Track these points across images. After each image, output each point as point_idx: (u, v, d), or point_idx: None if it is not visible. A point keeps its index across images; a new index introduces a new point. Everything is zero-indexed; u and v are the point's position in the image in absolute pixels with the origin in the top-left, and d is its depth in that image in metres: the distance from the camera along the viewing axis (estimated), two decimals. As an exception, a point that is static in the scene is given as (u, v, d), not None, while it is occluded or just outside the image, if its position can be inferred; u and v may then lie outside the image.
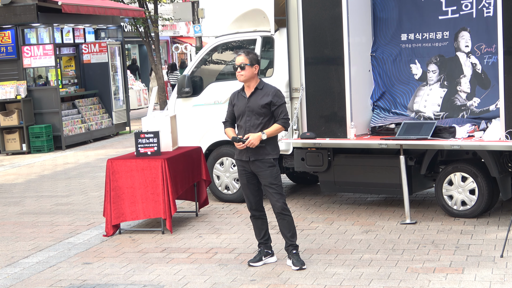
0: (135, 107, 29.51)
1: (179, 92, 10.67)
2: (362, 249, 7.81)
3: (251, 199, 7.37)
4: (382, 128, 9.38)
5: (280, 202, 7.20)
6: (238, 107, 7.30)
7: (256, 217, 7.41)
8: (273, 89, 7.26)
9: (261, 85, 7.28)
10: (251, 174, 7.31)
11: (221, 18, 10.80)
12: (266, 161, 7.20)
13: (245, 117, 7.24)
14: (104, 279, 7.27)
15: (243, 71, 7.21)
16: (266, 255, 7.44)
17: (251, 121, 7.21)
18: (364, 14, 9.58)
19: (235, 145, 7.24)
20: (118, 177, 8.87)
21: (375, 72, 9.72)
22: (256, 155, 7.21)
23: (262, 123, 7.20)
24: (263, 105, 7.18)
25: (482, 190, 8.69)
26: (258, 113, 7.20)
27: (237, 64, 7.25)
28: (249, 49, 7.54)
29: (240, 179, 7.44)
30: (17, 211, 10.93)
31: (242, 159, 7.29)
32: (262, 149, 7.20)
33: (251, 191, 7.36)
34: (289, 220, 7.26)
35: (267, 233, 7.46)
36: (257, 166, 7.21)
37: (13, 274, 7.66)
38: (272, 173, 7.22)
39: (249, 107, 7.22)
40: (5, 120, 17.61)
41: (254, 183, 7.34)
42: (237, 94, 7.39)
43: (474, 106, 9.10)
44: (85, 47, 20.30)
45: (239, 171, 7.39)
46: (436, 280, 6.67)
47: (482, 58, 9.05)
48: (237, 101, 7.34)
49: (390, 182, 9.19)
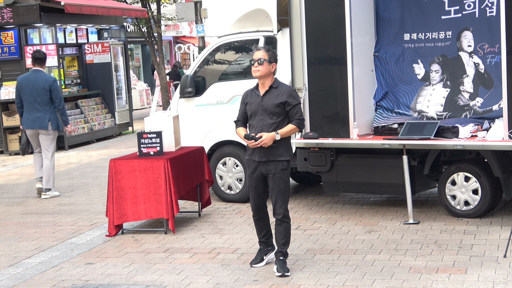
0: (138, 107, 29.52)
1: (182, 92, 10.67)
2: (365, 249, 7.80)
3: (256, 202, 7.20)
4: (385, 128, 9.37)
5: (283, 208, 7.07)
6: (251, 105, 7.11)
7: (259, 218, 7.30)
8: (288, 88, 7.09)
9: (276, 84, 7.10)
10: (261, 177, 7.12)
11: (224, 18, 10.80)
12: (279, 163, 7.04)
13: (258, 116, 7.05)
14: (106, 279, 7.27)
15: (260, 67, 7.00)
16: (266, 253, 7.36)
17: (264, 120, 7.03)
18: (367, 14, 9.57)
19: (247, 143, 7.05)
20: (121, 177, 8.87)
21: (378, 72, 9.72)
22: (268, 156, 7.03)
23: (276, 123, 7.02)
24: (278, 104, 7.00)
25: (485, 190, 8.68)
26: (272, 112, 7.02)
27: (255, 59, 7.03)
28: (269, 47, 7.33)
29: (249, 181, 7.22)
30: (20, 211, 10.93)
31: (255, 159, 7.10)
32: (275, 149, 7.03)
33: (258, 194, 7.17)
34: (287, 227, 7.12)
35: (269, 231, 7.35)
36: (269, 168, 7.04)
37: (16, 274, 7.66)
38: (283, 177, 7.06)
39: (263, 106, 7.03)
40: (8, 120, 17.62)
41: (262, 187, 7.16)
42: (250, 92, 7.20)
43: (477, 106, 9.09)
44: (88, 47, 20.31)
45: (250, 173, 7.18)
46: (439, 280, 6.66)
47: (485, 58, 9.04)
48: (250, 99, 7.14)
49: (393, 182, 9.17)
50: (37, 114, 11.52)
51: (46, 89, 11.51)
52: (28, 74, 11.83)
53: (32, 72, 11.77)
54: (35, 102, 11.52)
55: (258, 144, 6.96)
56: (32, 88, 11.53)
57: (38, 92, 11.51)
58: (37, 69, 11.69)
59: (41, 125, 11.54)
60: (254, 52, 7.12)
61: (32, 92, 11.53)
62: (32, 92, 11.53)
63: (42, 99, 11.52)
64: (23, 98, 11.61)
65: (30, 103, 11.54)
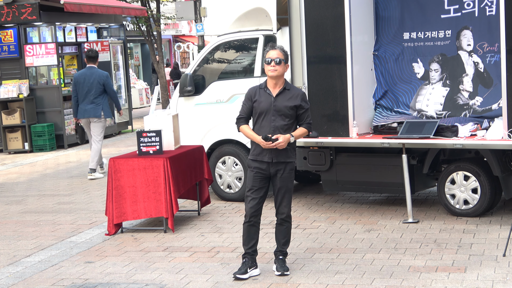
0: (138, 106, 29.51)
1: (181, 91, 10.67)
2: (364, 248, 7.81)
3: (255, 205, 7.01)
4: (385, 127, 9.38)
5: (288, 207, 7.05)
6: (261, 104, 6.94)
7: (252, 224, 7.06)
8: (301, 92, 7.03)
9: (289, 86, 7.03)
10: (266, 179, 7.01)
11: (223, 17, 10.81)
12: (288, 164, 7.00)
13: (270, 116, 6.93)
14: (106, 278, 7.28)
15: (278, 67, 6.88)
16: (251, 267, 7.07)
17: (277, 121, 6.92)
18: (367, 13, 9.57)
19: (261, 144, 6.87)
20: (120, 176, 8.87)
21: (378, 71, 9.71)
22: (278, 157, 6.94)
23: (287, 125, 6.95)
24: (292, 107, 6.92)
25: (485, 189, 8.68)
26: (285, 114, 6.93)
27: (272, 58, 6.88)
28: (282, 46, 7.22)
29: (253, 182, 6.99)
30: (19, 210, 10.94)
31: (264, 160, 6.95)
32: (285, 151, 6.97)
33: (260, 196, 7.02)
34: (288, 226, 7.10)
35: (256, 244, 7.11)
36: (279, 168, 6.96)
37: (15, 273, 7.66)
38: (290, 177, 7.03)
39: (276, 107, 6.92)
40: (8, 119, 17.62)
41: (265, 189, 7.05)
42: (259, 90, 7.03)
43: (477, 105, 9.09)
44: (87, 46, 20.28)
45: (253, 174, 6.98)
46: (438, 279, 6.66)
47: (484, 57, 9.04)
48: (260, 97, 6.97)
49: (392, 181, 9.18)
50: (90, 105, 13.14)
51: (100, 83, 13.12)
52: (84, 71, 13.41)
53: (87, 68, 13.34)
54: (90, 94, 13.09)
55: (275, 146, 6.87)
56: (88, 83, 13.09)
57: (93, 86, 13.10)
58: (91, 66, 13.31)
59: (94, 114, 13.17)
60: (269, 50, 6.98)
61: (88, 86, 13.09)
62: (87, 86, 13.09)
63: (96, 92, 13.12)
64: (79, 91, 13.18)
65: (85, 96, 13.11)
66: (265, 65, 6.99)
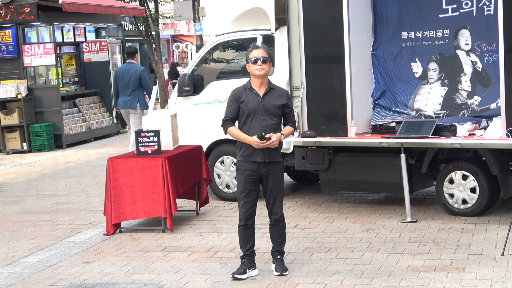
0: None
1: (180, 91, 10.67)
2: (363, 248, 7.81)
3: (249, 208, 6.97)
4: (383, 126, 9.38)
5: (281, 207, 7.05)
6: (249, 104, 6.91)
7: (248, 227, 7.03)
8: (285, 91, 7.05)
9: (273, 85, 7.04)
10: (257, 180, 6.98)
11: (222, 16, 10.81)
12: (278, 163, 7.00)
13: (259, 116, 6.90)
14: (104, 278, 7.27)
15: (265, 65, 6.87)
16: (250, 268, 7.07)
17: (266, 121, 6.90)
18: (365, 12, 9.57)
19: (254, 144, 6.83)
20: (119, 176, 8.87)
21: (376, 70, 9.72)
22: (271, 157, 6.93)
23: (276, 124, 6.95)
24: (279, 106, 6.93)
25: (483, 188, 8.68)
26: (274, 113, 6.93)
27: (258, 57, 6.87)
28: (265, 45, 7.19)
29: (244, 185, 6.93)
30: (18, 210, 10.93)
31: (256, 161, 6.92)
32: (276, 150, 6.97)
33: (254, 198, 6.99)
34: (283, 226, 7.09)
35: (253, 245, 7.10)
36: (271, 168, 6.95)
37: (14, 273, 7.66)
38: (281, 177, 7.05)
39: (264, 106, 6.90)
40: (6, 119, 17.61)
41: (257, 190, 7.03)
42: (245, 91, 6.99)
43: (475, 105, 9.09)
44: (85, 45, 20.30)
45: (245, 177, 6.92)
46: (437, 279, 6.66)
47: (482, 57, 9.04)
48: (247, 97, 6.93)
49: (391, 181, 9.18)
50: (128, 97, 13.98)
51: (137, 77, 13.92)
52: (124, 66, 14.28)
53: (126, 64, 14.21)
54: (128, 88, 13.94)
55: (269, 145, 6.85)
56: (126, 77, 13.93)
57: (130, 80, 13.92)
58: (130, 61, 14.18)
59: (131, 105, 13.95)
60: (252, 50, 6.95)
61: (126, 80, 13.93)
62: (126, 79, 13.93)
63: (133, 85, 13.94)
64: (119, 85, 14.05)
65: (124, 89, 13.97)
66: (249, 65, 6.95)
